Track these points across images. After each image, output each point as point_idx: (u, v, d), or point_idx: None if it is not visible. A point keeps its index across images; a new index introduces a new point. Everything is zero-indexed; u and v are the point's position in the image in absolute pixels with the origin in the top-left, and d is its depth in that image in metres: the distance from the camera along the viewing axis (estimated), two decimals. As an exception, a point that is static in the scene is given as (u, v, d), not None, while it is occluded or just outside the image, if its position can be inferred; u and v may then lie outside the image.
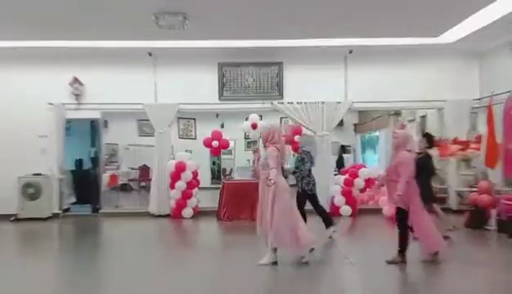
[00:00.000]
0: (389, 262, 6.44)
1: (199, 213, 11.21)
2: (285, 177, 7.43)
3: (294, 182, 8.25)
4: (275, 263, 6.49)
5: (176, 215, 11.13)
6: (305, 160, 8.15)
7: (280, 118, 13.90)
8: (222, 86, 11.69)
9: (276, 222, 6.36)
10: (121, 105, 11.47)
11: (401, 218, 6.45)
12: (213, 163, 18.11)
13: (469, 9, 8.70)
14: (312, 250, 6.89)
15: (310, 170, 8.19)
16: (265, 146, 6.68)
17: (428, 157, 8.01)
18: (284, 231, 6.38)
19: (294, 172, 8.23)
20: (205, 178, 16.33)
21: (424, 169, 7.68)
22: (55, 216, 11.37)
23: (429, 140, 8.15)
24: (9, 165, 11.00)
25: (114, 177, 14.48)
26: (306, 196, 8.11)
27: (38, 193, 11.08)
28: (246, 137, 13.84)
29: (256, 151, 9.98)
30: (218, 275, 6.47)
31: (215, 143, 11.60)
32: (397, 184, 6.23)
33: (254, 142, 16.95)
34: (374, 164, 16.12)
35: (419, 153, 7.87)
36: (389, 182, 6.53)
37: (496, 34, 9.87)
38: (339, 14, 8.77)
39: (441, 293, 5.65)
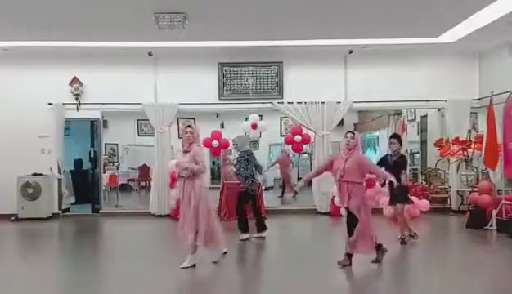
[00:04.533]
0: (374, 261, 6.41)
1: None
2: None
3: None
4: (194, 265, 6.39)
5: (176, 215, 11.07)
6: (249, 160, 8.40)
7: (280, 118, 13.91)
8: (222, 86, 11.69)
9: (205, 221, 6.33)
10: (121, 105, 11.47)
11: None
12: (213, 163, 18.04)
13: (469, 9, 8.70)
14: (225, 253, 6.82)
15: (253, 170, 8.47)
16: None
17: (404, 157, 8.06)
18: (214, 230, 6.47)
19: (237, 173, 8.44)
20: (205, 178, 16.29)
21: (402, 169, 7.82)
22: (55, 216, 11.37)
23: (400, 140, 8.15)
24: (9, 165, 10.99)
25: (113, 177, 14.46)
26: (249, 196, 8.41)
27: (37, 193, 11.07)
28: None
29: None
30: (218, 275, 6.48)
31: (215, 143, 11.58)
32: None
33: (254, 142, 16.96)
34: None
35: (394, 154, 7.90)
36: None
37: (495, 34, 9.87)
38: (339, 14, 8.77)
39: (442, 293, 5.65)
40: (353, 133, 6.51)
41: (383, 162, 7.93)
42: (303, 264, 6.66)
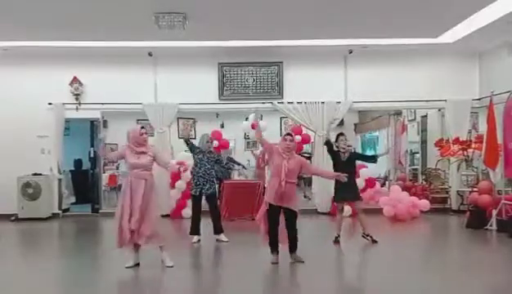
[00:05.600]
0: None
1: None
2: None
3: None
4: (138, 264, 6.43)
5: (176, 215, 11.14)
6: (219, 161, 8.47)
7: (280, 118, 13.88)
8: (222, 86, 11.70)
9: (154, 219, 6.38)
10: (121, 105, 11.47)
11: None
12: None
13: (469, 9, 8.71)
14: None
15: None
16: None
17: (355, 153, 8.39)
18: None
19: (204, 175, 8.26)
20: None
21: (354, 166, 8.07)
22: (54, 215, 11.38)
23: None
24: (9, 165, 11.00)
25: (113, 177, 14.46)
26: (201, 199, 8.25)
27: (37, 193, 11.07)
28: (246, 137, 13.82)
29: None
30: (219, 274, 6.47)
31: (215, 143, 11.57)
32: None
33: (254, 142, 16.93)
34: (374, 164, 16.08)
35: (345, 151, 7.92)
36: None
37: (495, 34, 9.87)
38: (339, 14, 8.77)
39: (442, 293, 5.65)
40: (292, 135, 6.67)
41: (336, 159, 7.93)
42: (302, 263, 6.65)
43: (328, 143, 7.96)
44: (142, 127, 6.62)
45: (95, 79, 11.47)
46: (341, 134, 8.13)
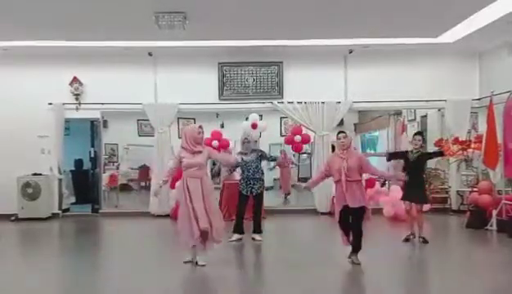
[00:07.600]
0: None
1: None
2: None
3: None
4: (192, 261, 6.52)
5: (176, 215, 11.09)
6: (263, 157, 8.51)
7: (280, 118, 13.89)
8: (222, 86, 11.70)
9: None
10: (121, 105, 11.46)
11: None
12: (213, 163, 18.03)
13: (469, 9, 8.70)
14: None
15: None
16: None
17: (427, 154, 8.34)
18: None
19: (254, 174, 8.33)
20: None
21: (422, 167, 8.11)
22: (54, 216, 11.38)
23: (423, 137, 8.37)
24: (9, 165, 11.00)
25: (113, 177, 14.45)
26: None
27: (37, 193, 11.07)
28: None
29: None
30: (217, 275, 6.47)
31: (215, 143, 11.58)
32: None
33: (254, 142, 16.89)
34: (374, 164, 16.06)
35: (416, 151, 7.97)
36: None
37: (495, 34, 9.87)
38: (340, 14, 8.77)
39: (442, 293, 5.65)
40: (344, 132, 6.65)
41: (402, 156, 8.18)
42: (303, 264, 6.66)
43: (391, 154, 8.62)
44: (200, 126, 6.61)
45: (95, 79, 11.47)
46: (419, 132, 8.36)
